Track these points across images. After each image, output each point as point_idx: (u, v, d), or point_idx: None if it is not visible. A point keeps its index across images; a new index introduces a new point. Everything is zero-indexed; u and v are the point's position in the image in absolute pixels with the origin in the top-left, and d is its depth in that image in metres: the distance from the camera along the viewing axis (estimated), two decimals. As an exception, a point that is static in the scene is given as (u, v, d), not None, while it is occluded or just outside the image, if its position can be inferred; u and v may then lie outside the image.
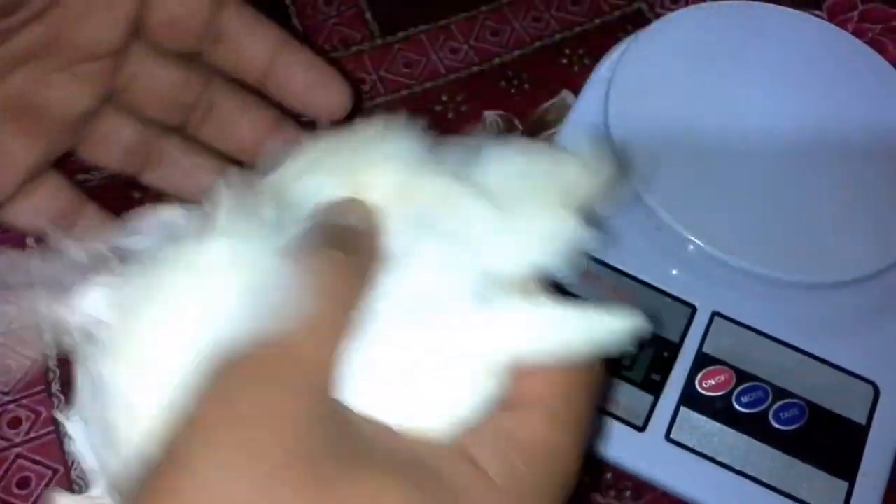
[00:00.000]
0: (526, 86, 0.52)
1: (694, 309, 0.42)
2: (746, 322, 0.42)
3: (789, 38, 0.48)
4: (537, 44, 0.54)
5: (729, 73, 0.47)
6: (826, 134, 0.45)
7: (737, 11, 0.49)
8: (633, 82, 0.46)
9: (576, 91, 0.51)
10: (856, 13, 0.58)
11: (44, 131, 0.39)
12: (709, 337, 0.41)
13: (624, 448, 0.39)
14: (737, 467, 0.39)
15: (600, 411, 0.40)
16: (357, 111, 0.43)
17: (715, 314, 0.42)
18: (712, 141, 0.44)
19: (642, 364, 0.41)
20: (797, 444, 0.39)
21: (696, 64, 0.47)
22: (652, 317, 0.41)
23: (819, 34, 0.49)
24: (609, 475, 0.41)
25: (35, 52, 0.37)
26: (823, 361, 0.41)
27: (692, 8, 0.50)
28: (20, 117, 0.38)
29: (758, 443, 0.39)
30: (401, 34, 0.53)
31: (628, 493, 0.41)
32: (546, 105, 0.52)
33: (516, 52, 0.54)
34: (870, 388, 0.41)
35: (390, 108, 0.51)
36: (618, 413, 0.40)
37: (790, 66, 0.47)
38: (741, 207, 0.43)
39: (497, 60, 0.53)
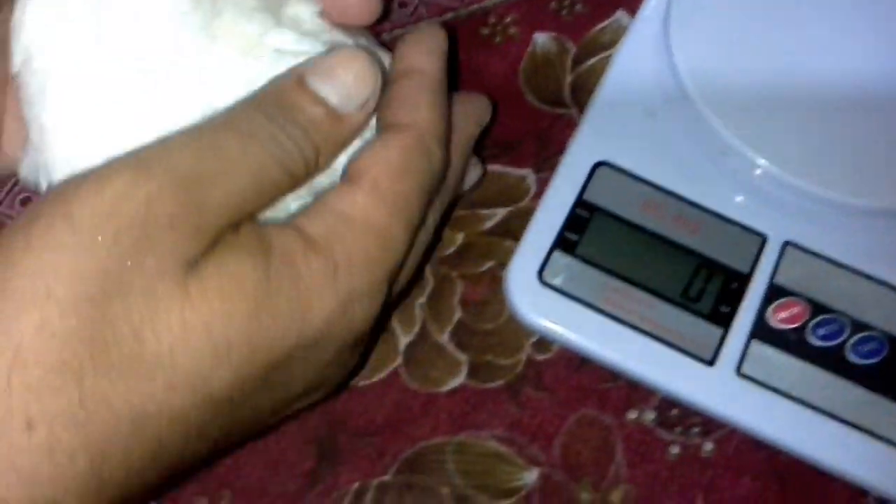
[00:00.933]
0: (578, 6, 0.49)
1: (764, 238, 0.40)
2: (821, 252, 0.39)
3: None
4: (588, -38, 0.51)
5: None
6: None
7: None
8: (695, 2, 0.43)
9: (632, 11, 0.48)
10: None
11: None
12: (781, 267, 0.39)
13: (691, 383, 0.37)
14: (813, 403, 0.37)
15: (666, 343, 0.38)
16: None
17: (787, 243, 0.39)
18: (780, 63, 0.41)
19: (710, 295, 0.39)
20: (877, 379, 0.37)
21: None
22: (721, 246, 0.40)
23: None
24: (675, 411, 0.39)
25: None
26: (904, 291, 0.39)
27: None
28: None
29: (835, 377, 0.37)
30: (449, -46, 0.50)
31: (696, 429, 0.39)
32: (600, 26, 0.49)
33: (567, -28, 0.50)
34: (953, 319, 0.38)
35: (434, 32, 0.48)
36: (684, 346, 0.38)
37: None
38: (812, 130, 0.40)
39: (546, -20, 0.50)
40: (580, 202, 0.40)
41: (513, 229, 0.42)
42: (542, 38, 0.48)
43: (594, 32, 0.49)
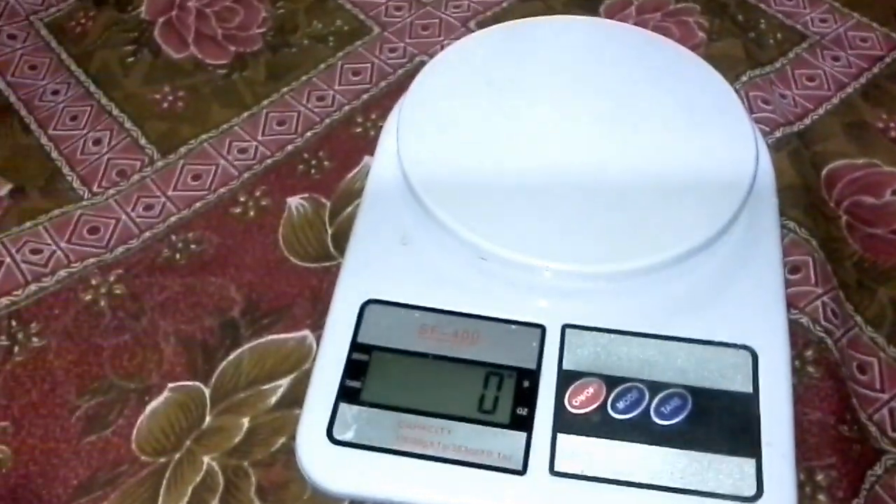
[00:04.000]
0: (326, 163, 0.50)
1: (543, 328, 0.39)
2: (599, 325, 0.38)
3: (574, 42, 0.47)
4: (327, 121, 0.52)
5: (512, 90, 0.45)
6: (626, 122, 0.44)
7: (506, 34, 0.48)
8: (419, 125, 0.43)
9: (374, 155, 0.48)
10: (632, 8, 0.58)
11: None
12: (566, 352, 0.38)
13: (510, 499, 0.35)
14: (635, 480, 0.35)
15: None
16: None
17: (566, 327, 0.38)
18: (511, 158, 0.42)
19: (505, 401, 0.37)
20: (689, 436, 0.36)
21: (475, 89, 0.45)
22: (504, 349, 0.38)
23: (604, 32, 0.49)
24: (506, 536, 0.36)
25: None
26: (690, 341, 0.38)
27: (458, 44, 0.48)
28: None
29: (648, 447, 0.35)
30: (182, 149, 0.50)
31: (531, 548, 0.36)
32: (350, 175, 0.49)
33: (308, 134, 0.51)
34: (746, 353, 0.38)
35: (188, 225, 0.47)
36: (492, 463, 0.35)
37: (581, 69, 0.46)
38: (555, 215, 0.40)
39: (290, 147, 0.50)
40: (356, 346, 0.39)
41: (300, 396, 0.40)
42: (295, 202, 0.48)
43: (346, 183, 0.49)
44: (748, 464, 0.35)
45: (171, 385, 0.41)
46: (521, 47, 0.47)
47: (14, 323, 0.43)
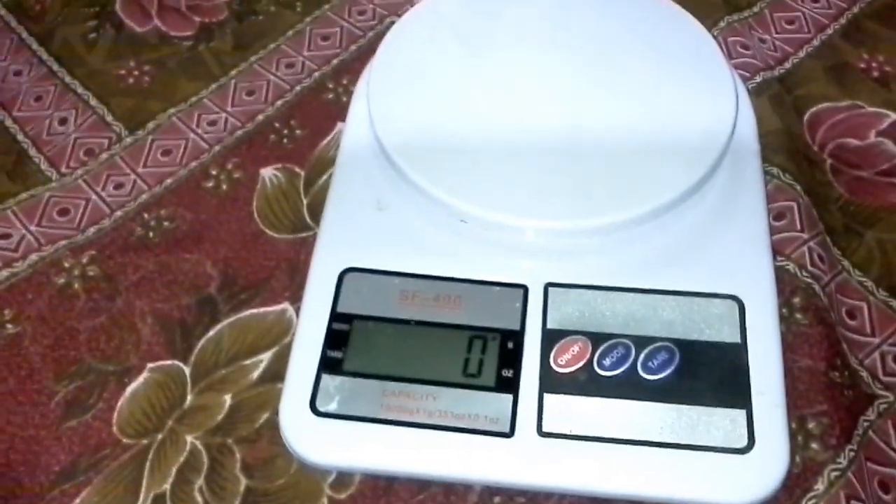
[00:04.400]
0: (298, 132, 0.49)
1: (525, 288, 0.38)
2: (582, 282, 0.38)
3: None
4: (297, 88, 0.50)
5: (483, 47, 0.44)
6: (602, 73, 0.42)
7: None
8: (390, 87, 0.42)
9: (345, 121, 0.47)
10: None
11: None
12: (549, 311, 0.37)
13: (498, 462, 0.34)
14: (624, 437, 0.34)
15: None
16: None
17: (548, 285, 0.38)
18: (485, 117, 0.41)
19: (490, 365, 0.36)
20: (678, 389, 0.35)
21: (445, 48, 0.44)
22: (486, 311, 0.38)
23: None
24: (497, 499, 0.36)
25: None
26: (675, 293, 0.37)
27: (426, 2, 0.47)
28: None
29: (637, 402, 0.35)
30: (150, 125, 0.49)
31: (522, 511, 0.36)
32: (323, 143, 0.48)
33: (278, 103, 0.50)
34: (732, 302, 0.37)
35: (160, 202, 0.46)
36: (479, 426, 0.35)
37: (554, 22, 0.45)
38: (533, 173, 0.39)
39: (261, 117, 0.49)
40: (336, 315, 0.38)
41: (282, 370, 0.39)
42: (268, 173, 0.47)
43: (319, 151, 0.48)
44: (739, 415, 0.34)
45: (150, 365, 0.40)
46: (490, 3, 0.46)
47: (-14, 310, 0.42)
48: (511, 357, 0.36)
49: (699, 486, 0.33)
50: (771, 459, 0.33)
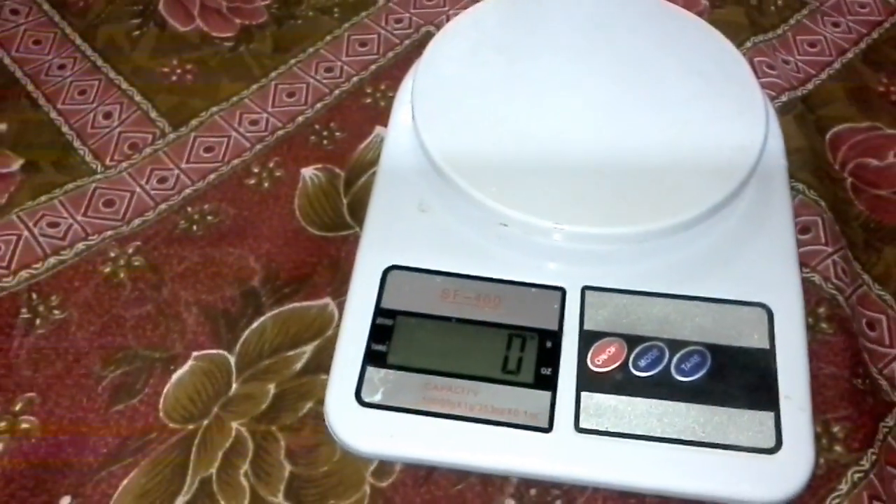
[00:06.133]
0: (337, 134, 0.50)
1: (563, 291, 0.39)
2: (618, 287, 0.39)
3: (583, 8, 0.48)
4: (337, 91, 0.52)
5: (524, 58, 0.45)
6: (639, 87, 0.44)
7: (515, 1, 0.49)
8: (434, 94, 0.44)
9: (387, 126, 0.49)
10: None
11: None
12: (587, 313, 0.39)
13: (536, 455, 0.36)
14: (657, 435, 0.36)
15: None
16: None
17: (585, 289, 0.39)
18: (526, 125, 0.42)
19: (529, 362, 0.38)
20: (709, 391, 0.37)
21: (487, 57, 0.45)
22: (525, 311, 0.39)
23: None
24: (533, 491, 0.37)
25: None
26: (707, 300, 0.39)
27: (468, 12, 0.48)
28: None
29: (670, 402, 0.36)
30: (194, 122, 0.50)
31: (558, 502, 0.37)
32: (362, 146, 0.49)
33: (318, 106, 0.51)
34: (762, 310, 0.38)
35: (203, 196, 0.47)
36: (518, 421, 0.36)
37: (592, 35, 0.46)
38: (573, 180, 0.40)
39: (301, 119, 0.51)
40: (380, 311, 0.39)
41: (325, 362, 0.40)
42: (309, 173, 0.48)
43: (358, 153, 0.49)
44: (767, 417, 0.36)
45: (195, 354, 0.41)
46: (530, 14, 0.48)
47: (35, 296, 0.43)
48: (549, 356, 0.38)
49: (728, 484, 0.35)
50: (797, 460, 0.35)
